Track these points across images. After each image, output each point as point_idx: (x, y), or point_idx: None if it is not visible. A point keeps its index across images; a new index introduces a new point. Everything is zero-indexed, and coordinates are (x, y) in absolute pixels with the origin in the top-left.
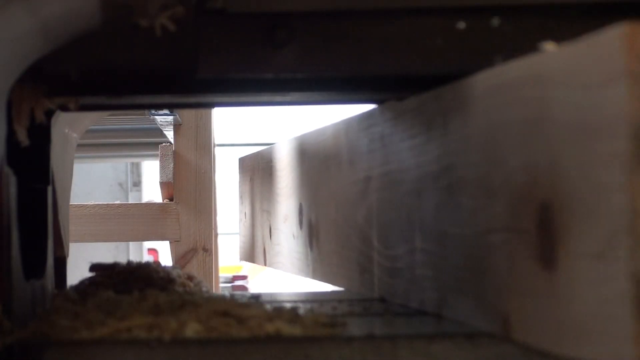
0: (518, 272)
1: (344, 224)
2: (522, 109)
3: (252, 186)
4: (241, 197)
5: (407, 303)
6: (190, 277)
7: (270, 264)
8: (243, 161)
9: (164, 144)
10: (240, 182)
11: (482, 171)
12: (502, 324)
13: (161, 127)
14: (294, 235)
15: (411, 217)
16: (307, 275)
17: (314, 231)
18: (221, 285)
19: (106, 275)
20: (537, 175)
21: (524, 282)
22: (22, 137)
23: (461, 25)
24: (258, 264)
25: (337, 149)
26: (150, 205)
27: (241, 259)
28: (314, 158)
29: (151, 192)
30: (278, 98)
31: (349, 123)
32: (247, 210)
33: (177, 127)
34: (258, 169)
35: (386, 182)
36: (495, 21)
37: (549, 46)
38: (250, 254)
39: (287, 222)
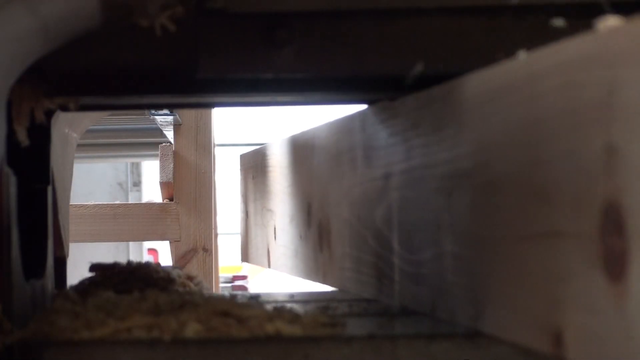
0: (575, 282)
1: (358, 225)
2: (579, 92)
3: (254, 184)
4: (242, 195)
5: (434, 314)
6: (190, 278)
7: (274, 267)
8: (244, 158)
9: (164, 144)
10: (241, 180)
11: (526, 167)
12: (553, 342)
13: (161, 127)
14: (301, 237)
15: (439, 218)
16: (316, 279)
17: (324, 232)
18: (221, 285)
19: (106, 275)
20: (598, 169)
21: (581, 294)
22: (22, 137)
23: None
24: (261, 266)
25: (351, 144)
26: (150, 205)
27: (243, 261)
28: (324, 154)
29: (151, 192)
30: (278, 98)
31: (364, 115)
32: (249, 209)
33: (177, 127)
34: (261, 166)
35: (409, 179)
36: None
37: (611, 21)
38: (253, 256)
39: (293, 222)
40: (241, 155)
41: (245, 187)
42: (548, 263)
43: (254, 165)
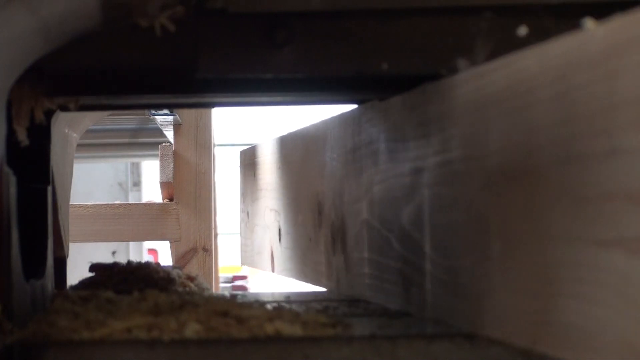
0: None
1: (380, 227)
2: None
3: (256, 182)
4: (242, 194)
5: (479, 331)
6: (191, 278)
7: (279, 271)
8: (245, 155)
9: (164, 144)
10: (241, 178)
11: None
12: None
13: (161, 127)
14: (310, 239)
15: (486, 218)
16: (328, 286)
17: (338, 234)
18: (221, 285)
19: (106, 275)
20: None
21: None
22: (22, 137)
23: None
24: (263, 270)
25: (371, 136)
26: (150, 205)
27: (243, 264)
28: (337, 148)
29: (151, 192)
30: (278, 98)
31: (388, 104)
32: (251, 209)
33: (177, 127)
34: (264, 163)
35: (445, 174)
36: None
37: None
38: (254, 259)
39: (301, 223)
40: (241, 152)
41: (245, 185)
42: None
43: (256, 162)
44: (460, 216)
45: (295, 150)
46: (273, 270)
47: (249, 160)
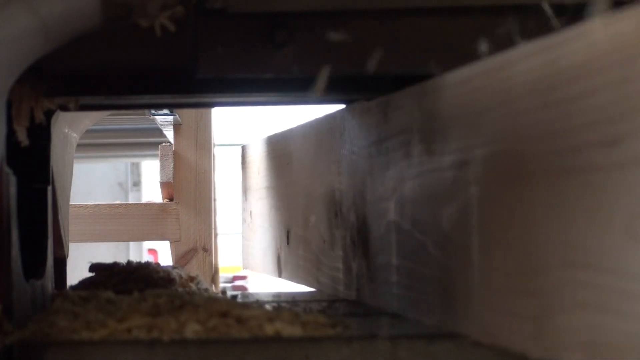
0: None
1: (413, 229)
2: None
3: (261, 179)
4: (245, 192)
5: (553, 357)
6: (191, 278)
7: (288, 277)
8: (248, 150)
9: (164, 144)
10: (243, 174)
11: None
12: None
13: (161, 127)
14: (325, 241)
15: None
16: (348, 294)
17: (358, 237)
18: (221, 285)
19: (106, 275)
20: None
21: None
22: (22, 137)
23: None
24: (268, 274)
25: (401, 124)
26: (150, 205)
27: (245, 268)
28: (359, 139)
29: (151, 192)
30: (278, 98)
31: (422, 88)
32: (254, 208)
33: (177, 127)
34: (270, 158)
35: (501, 166)
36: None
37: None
38: (258, 262)
39: (314, 224)
40: (243, 147)
41: (248, 182)
42: None
43: (261, 158)
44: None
45: (306, 144)
46: (280, 276)
47: (251, 156)
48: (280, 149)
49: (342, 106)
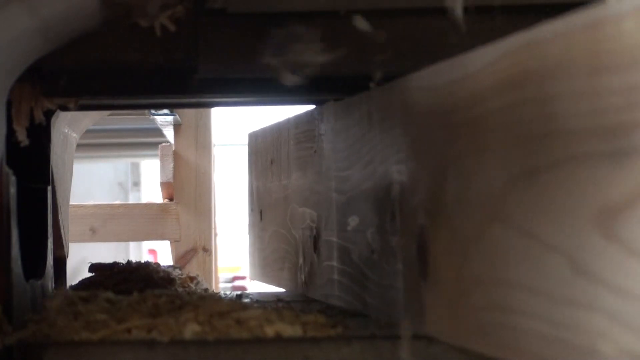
0: None
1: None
2: None
3: (274, 173)
4: (253, 188)
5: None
6: (191, 278)
7: (317, 295)
8: (257, 138)
9: (164, 144)
10: (251, 167)
11: None
12: None
13: (161, 127)
14: (373, 251)
15: None
16: (412, 322)
17: (428, 245)
18: (221, 285)
19: (106, 275)
20: None
21: None
22: (22, 137)
23: None
24: (284, 289)
25: (513, 79)
26: (150, 205)
27: (253, 279)
28: (430, 113)
29: (151, 192)
30: (278, 98)
31: (535, 33)
32: (266, 207)
33: (177, 127)
34: (287, 144)
35: None
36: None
37: None
38: (271, 274)
39: (356, 228)
40: (251, 134)
41: (257, 177)
42: None
43: (275, 146)
44: None
45: (348, 122)
46: (305, 292)
47: (263, 144)
48: (302, 133)
49: None
